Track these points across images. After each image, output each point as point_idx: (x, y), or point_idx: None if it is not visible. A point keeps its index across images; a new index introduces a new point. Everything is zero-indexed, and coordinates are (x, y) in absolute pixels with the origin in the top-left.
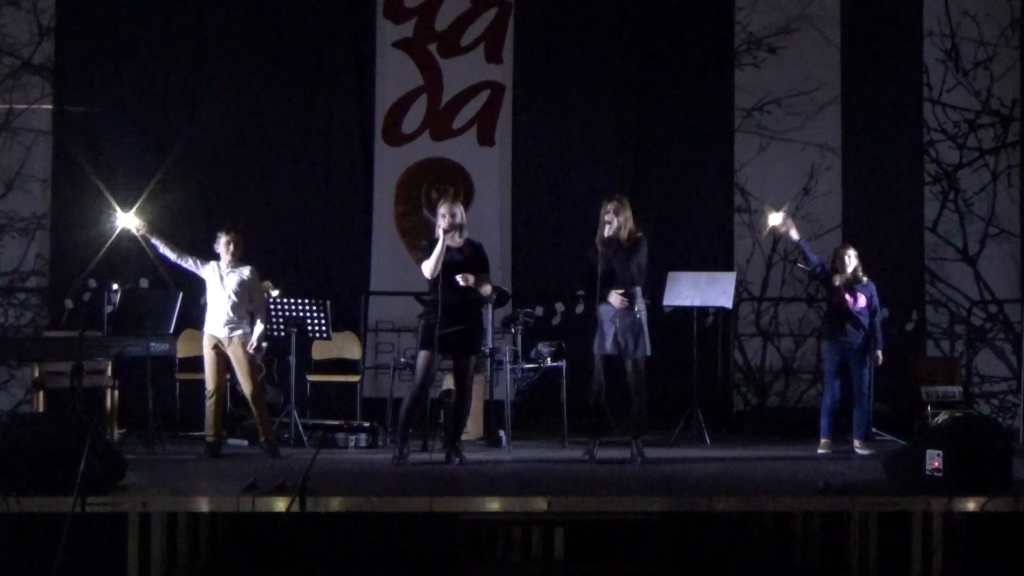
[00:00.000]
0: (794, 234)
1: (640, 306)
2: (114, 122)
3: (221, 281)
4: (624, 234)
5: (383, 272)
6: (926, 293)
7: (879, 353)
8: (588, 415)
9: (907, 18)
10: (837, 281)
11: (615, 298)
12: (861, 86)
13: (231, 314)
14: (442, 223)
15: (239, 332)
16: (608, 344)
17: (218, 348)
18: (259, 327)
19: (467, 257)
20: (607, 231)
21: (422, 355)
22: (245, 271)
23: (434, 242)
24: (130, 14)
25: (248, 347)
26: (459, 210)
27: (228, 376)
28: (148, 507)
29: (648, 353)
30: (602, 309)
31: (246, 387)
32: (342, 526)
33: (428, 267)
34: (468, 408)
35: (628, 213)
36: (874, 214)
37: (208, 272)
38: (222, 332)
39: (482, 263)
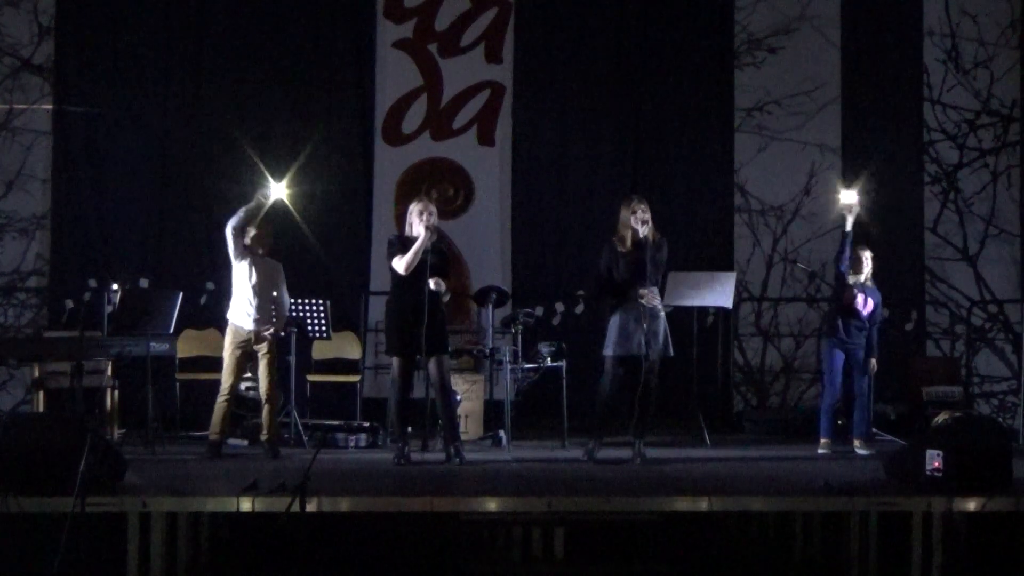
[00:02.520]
0: (850, 221)
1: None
2: (114, 122)
3: (253, 274)
4: (652, 234)
5: (383, 272)
6: (926, 293)
7: (873, 361)
8: (595, 416)
9: (907, 18)
10: (851, 280)
11: (652, 296)
12: (861, 86)
13: (263, 310)
14: (422, 221)
15: (269, 329)
16: (634, 345)
17: (244, 347)
18: (282, 320)
19: (438, 258)
20: (644, 231)
21: (395, 361)
22: (277, 265)
23: (407, 239)
24: (130, 14)
25: (266, 333)
26: (434, 208)
27: (244, 376)
28: (148, 507)
29: (672, 354)
30: (625, 309)
31: (265, 383)
32: (342, 526)
33: (403, 264)
34: (453, 405)
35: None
36: (874, 214)
37: (242, 264)
38: (251, 326)
39: (447, 266)
